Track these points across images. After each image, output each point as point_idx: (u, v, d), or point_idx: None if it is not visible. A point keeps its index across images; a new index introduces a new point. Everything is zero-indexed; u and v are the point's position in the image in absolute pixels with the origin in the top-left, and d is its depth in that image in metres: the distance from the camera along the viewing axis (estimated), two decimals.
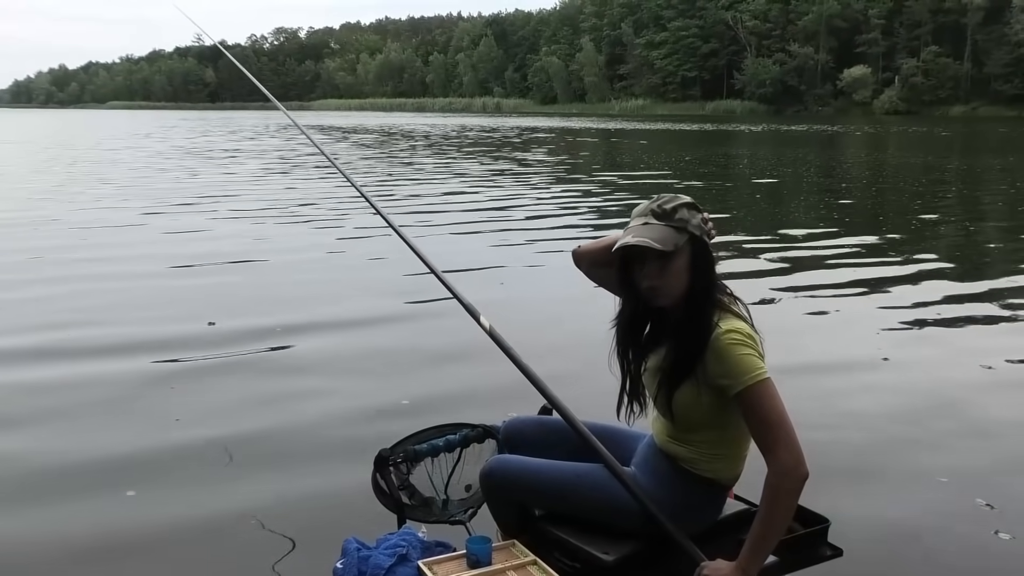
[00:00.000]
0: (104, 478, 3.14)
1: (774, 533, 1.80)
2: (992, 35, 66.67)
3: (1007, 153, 24.38)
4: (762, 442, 1.82)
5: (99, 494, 3.03)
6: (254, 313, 5.62)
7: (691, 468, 1.98)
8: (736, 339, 1.83)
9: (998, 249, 9.00)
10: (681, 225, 1.86)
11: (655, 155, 23.51)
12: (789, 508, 1.80)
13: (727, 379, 1.82)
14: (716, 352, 1.83)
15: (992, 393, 4.11)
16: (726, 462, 1.98)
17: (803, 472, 1.78)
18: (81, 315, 5.55)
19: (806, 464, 1.79)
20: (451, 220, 9.94)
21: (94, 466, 3.26)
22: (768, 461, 1.80)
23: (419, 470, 2.50)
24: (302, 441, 3.50)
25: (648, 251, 1.84)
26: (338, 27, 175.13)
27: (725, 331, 1.83)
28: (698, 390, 1.88)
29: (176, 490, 3.06)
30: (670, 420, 1.97)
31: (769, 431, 1.79)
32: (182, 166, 18.45)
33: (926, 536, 2.76)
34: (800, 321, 5.52)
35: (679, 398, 1.91)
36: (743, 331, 1.85)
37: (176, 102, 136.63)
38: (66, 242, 8.53)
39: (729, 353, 1.81)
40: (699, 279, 1.88)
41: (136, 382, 4.20)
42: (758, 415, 1.80)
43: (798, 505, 2.08)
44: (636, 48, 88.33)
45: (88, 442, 3.50)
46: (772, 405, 1.80)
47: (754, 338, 1.87)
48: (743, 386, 1.80)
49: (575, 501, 2.04)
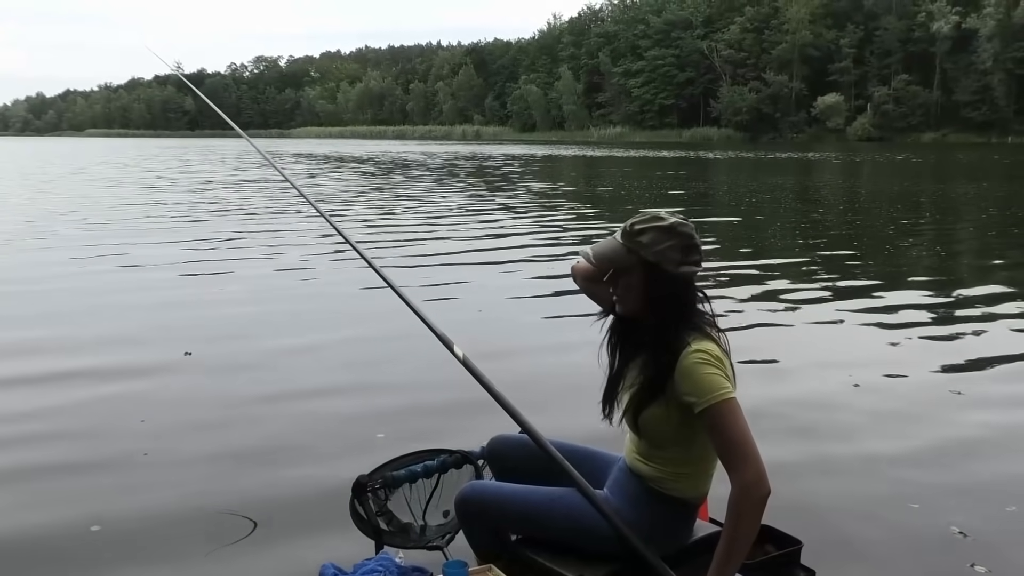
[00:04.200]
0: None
1: (738, 552, 1.84)
2: (960, 63, 68.19)
3: (978, 179, 24.81)
4: (725, 460, 1.87)
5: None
6: (227, 339, 5.62)
7: (658, 487, 2.01)
8: (703, 359, 1.88)
9: (969, 274, 9.16)
10: (635, 247, 1.93)
11: (637, 181, 23.70)
12: (753, 526, 1.84)
13: (693, 396, 1.87)
14: (683, 370, 1.88)
15: (963, 418, 4.13)
16: (691, 480, 2.02)
17: (765, 489, 1.82)
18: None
19: (768, 482, 1.83)
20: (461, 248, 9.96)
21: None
22: (731, 479, 1.85)
23: (397, 496, 2.51)
24: (280, 467, 3.48)
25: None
26: (318, 55, 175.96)
27: (694, 350, 1.89)
28: (667, 407, 1.93)
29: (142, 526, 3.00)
30: (639, 435, 2.03)
31: (732, 449, 1.84)
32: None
33: (899, 560, 2.77)
34: (772, 342, 5.58)
35: (648, 413, 1.96)
36: (712, 352, 1.90)
37: (155, 129, 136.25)
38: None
39: (695, 371, 1.87)
40: (659, 303, 1.94)
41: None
42: (721, 433, 1.85)
43: (770, 527, 2.13)
44: (614, 77, 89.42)
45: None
46: (735, 423, 1.84)
47: (723, 360, 1.92)
48: (707, 404, 1.85)
49: (549, 525, 2.07)
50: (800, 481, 3.36)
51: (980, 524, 2.98)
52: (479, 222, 12.71)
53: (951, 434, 3.92)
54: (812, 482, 3.36)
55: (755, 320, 6.20)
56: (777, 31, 79.37)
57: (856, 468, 3.52)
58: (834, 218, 14.70)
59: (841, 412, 4.20)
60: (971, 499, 3.22)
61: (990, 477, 3.43)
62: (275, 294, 7.26)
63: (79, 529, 2.94)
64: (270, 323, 6.10)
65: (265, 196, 17.25)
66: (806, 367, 5.07)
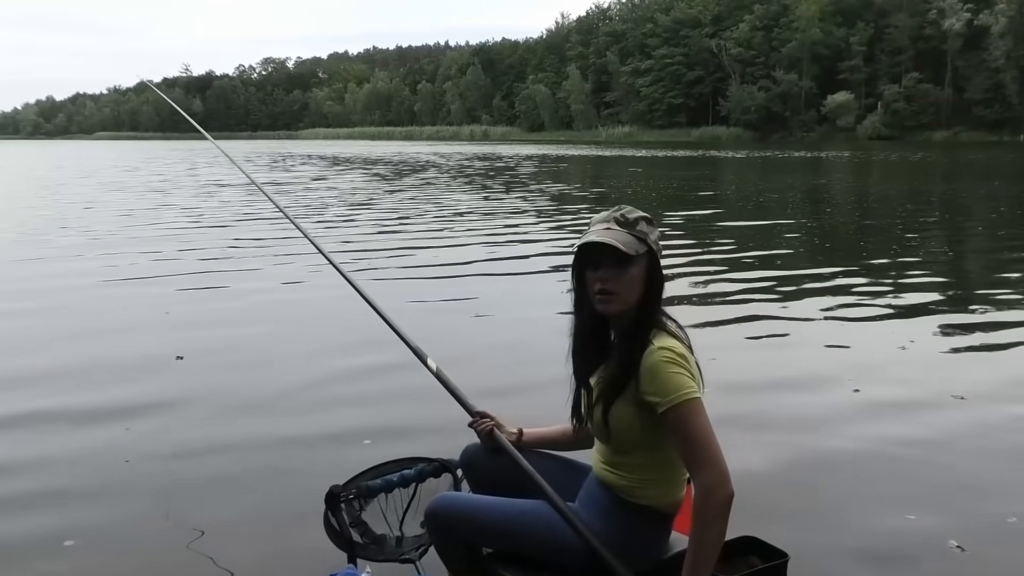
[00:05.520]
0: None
1: (706, 559, 1.77)
2: (972, 61, 67.72)
3: (991, 178, 24.57)
4: (687, 462, 1.81)
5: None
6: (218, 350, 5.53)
7: (628, 497, 1.94)
8: (668, 357, 1.82)
9: (978, 277, 9.01)
10: (642, 236, 1.88)
11: (664, 183, 23.58)
12: (718, 532, 1.77)
13: (656, 396, 1.81)
14: (647, 369, 1.82)
15: (963, 426, 3.99)
16: (661, 487, 1.95)
17: (727, 493, 1.75)
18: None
19: (732, 485, 1.77)
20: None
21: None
22: (694, 482, 1.79)
23: (372, 506, 2.44)
24: (250, 479, 3.39)
25: (606, 253, 1.85)
26: (326, 57, 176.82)
27: (658, 348, 1.83)
28: (632, 407, 1.86)
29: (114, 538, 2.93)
30: (606, 439, 1.95)
31: (694, 451, 1.78)
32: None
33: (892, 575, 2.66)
34: (772, 347, 5.48)
35: (614, 414, 1.89)
36: (676, 350, 1.84)
37: (164, 132, 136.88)
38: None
39: (660, 370, 1.81)
40: (651, 294, 1.89)
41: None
42: (683, 434, 1.79)
43: (756, 538, 2.03)
44: (622, 76, 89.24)
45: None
46: (698, 425, 1.78)
47: (687, 358, 1.85)
48: (670, 404, 1.79)
49: (520, 539, 1.99)
50: (788, 490, 3.27)
51: (979, 537, 2.86)
52: (506, 226, 12.44)
53: (950, 441, 3.79)
54: (801, 491, 3.26)
55: (754, 315, 6.10)
56: (787, 29, 79.07)
57: (849, 477, 3.40)
58: (842, 216, 14.55)
59: (834, 420, 4.06)
60: (970, 510, 3.09)
61: (990, 486, 3.31)
62: (260, 305, 6.80)
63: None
64: (253, 339, 5.72)
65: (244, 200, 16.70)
66: (801, 367, 4.97)
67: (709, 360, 4.72)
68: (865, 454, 3.62)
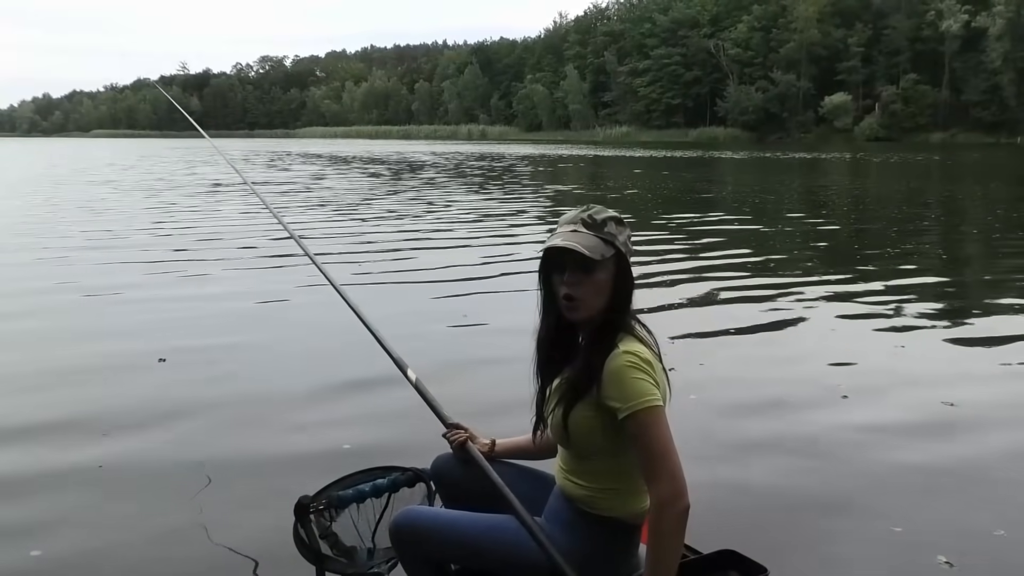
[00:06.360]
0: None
1: (663, 572, 1.71)
2: (969, 63, 67.80)
3: (988, 180, 24.54)
4: (645, 472, 1.75)
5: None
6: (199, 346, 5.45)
7: (589, 508, 1.88)
8: (632, 362, 1.76)
9: (973, 281, 8.96)
10: (609, 238, 1.81)
11: (672, 183, 23.54)
12: (674, 544, 1.72)
13: (617, 401, 1.75)
14: (610, 373, 1.76)
15: (952, 435, 3.91)
16: (623, 497, 1.88)
17: (682, 506, 1.70)
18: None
19: (687, 497, 1.71)
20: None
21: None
22: (649, 492, 1.74)
23: (344, 517, 2.36)
24: (220, 485, 3.32)
25: (571, 259, 1.79)
26: (324, 55, 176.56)
27: (623, 352, 1.77)
28: (592, 411, 1.80)
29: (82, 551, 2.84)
30: (566, 443, 1.90)
31: (651, 460, 1.72)
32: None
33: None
34: (761, 351, 5.42)
35: (574, 417, 1.83)
36: (641, 355, 1.78)
37: (161, 130, 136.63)
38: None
39: (622, 375, 1.75)
40: (619, 298, 1.83)
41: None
42: (641, 443, 1.73)
43: (734, 552, 1.97)
44: (620, 76, 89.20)
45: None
46: (657, 434, 1.72)
47: (652, 364, 1.79)
48: (630, 411, 1.73)
49: (487, 556, 1.92)
50: (771, 500, 3.19)
51: (967, 551, 2.78)
52: (514, 226, 12.35)
53: (939, 452, 3.70)
54: (785, 501, 3.18)
55: (745, 319, 6.05)
56: (785, 30, 79.11)
57: (835, 487, 3.31)
58: (839, 218, 14.51)
59: (820, 427, 3.97)
60: (958, 523, 3.01)
61: (979, 498, 3.22)
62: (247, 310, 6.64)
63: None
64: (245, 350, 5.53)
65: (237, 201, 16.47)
66: (789, 373, 4.90)
67: (698, 365, 4.76)
68: (851, 463, 3.54)
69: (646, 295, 6.76)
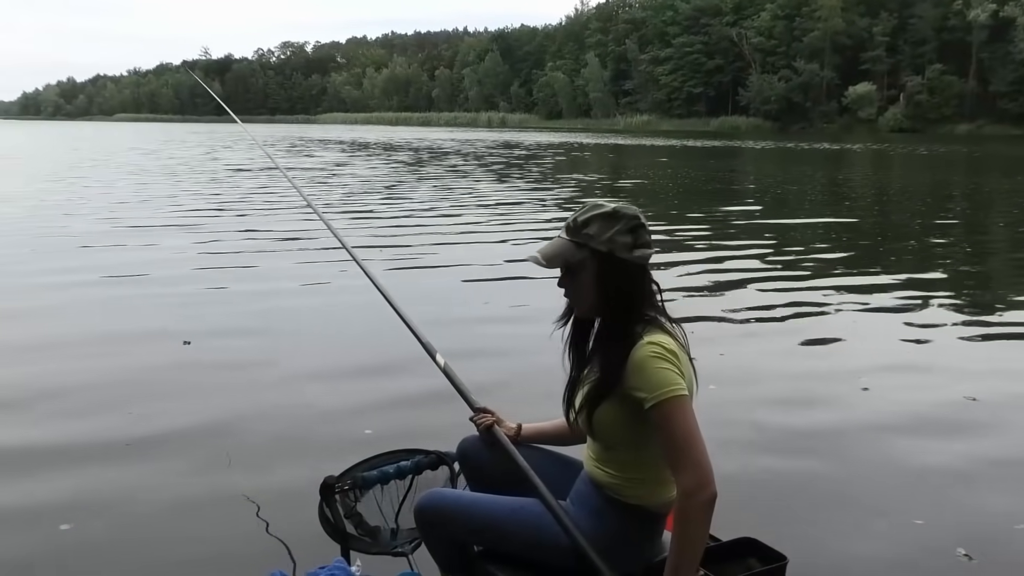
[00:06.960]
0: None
1: (688, 560, 1.72)
2: (997, 53, 66.66)
3: (1015, 172, 24.17)
4: (670, 461, 1.76)
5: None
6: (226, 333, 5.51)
7: (616, 495, 1.90)
8: (656, 352, 1.77)
9: (998, 274, 8.87)
10: (584, 240, 1.84)
11: (701, 172, 23.42)
12: (700, 533, 1.73)
13: (641, 392, 1.76)
14: (635, 363, 1.78)
15: (974, 429, 3.89)
16: (650, 486, 1.89)
17: (708, 495, 1.70)
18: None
19: (714, 486, 1.71)
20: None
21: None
22: (676, 482, 1.75)
23: (368, 498, 2.40)
24: (247, 472, 3.37)
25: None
26: (344, 41, 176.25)
27: (647, 342, 1.79)
28: (620, 404, 1.82)
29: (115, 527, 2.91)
30: (591, 434, 1.92)
31: (676, 450, 1.73)
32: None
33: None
34: (783, 343, 5.41)
35: (601, 411, 1.85)
36: (666, 345, 1.79)
37: (183, 115, 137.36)
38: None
39: (646, 365, 1.76)
40: (610, 295, 1.84)
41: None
42: (666, 432, 1.74)
43: (755, 540, 1.98)
44: (641, 64, 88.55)
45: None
46: (682, 423, 1.73)
47: (677, 355, 1.80)
48: (655, 400, 1.74)
49: (511, 538, 1.95)
50: (791, 490, 3.21)
51: (987, 544, 2.78)
52: (540, 211, 12.35)
53: (960, 445, 3.69)
54: (805, 491, 3.19)
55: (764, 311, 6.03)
56: (808, 18, 78.04)
57: (855, 479, 3.32)
58: (862, 210, 14.38)
59: (842, 419, 3.97)
60: (979, 516, 3.01)
61: (999, 492, 3.22)
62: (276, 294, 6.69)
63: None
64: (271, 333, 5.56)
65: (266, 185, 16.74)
66: (810, 365, 4.90)
67: (718, 355, 4.77)
68: (872, 456, 3.55)
69: (667, 283, 6.75)
